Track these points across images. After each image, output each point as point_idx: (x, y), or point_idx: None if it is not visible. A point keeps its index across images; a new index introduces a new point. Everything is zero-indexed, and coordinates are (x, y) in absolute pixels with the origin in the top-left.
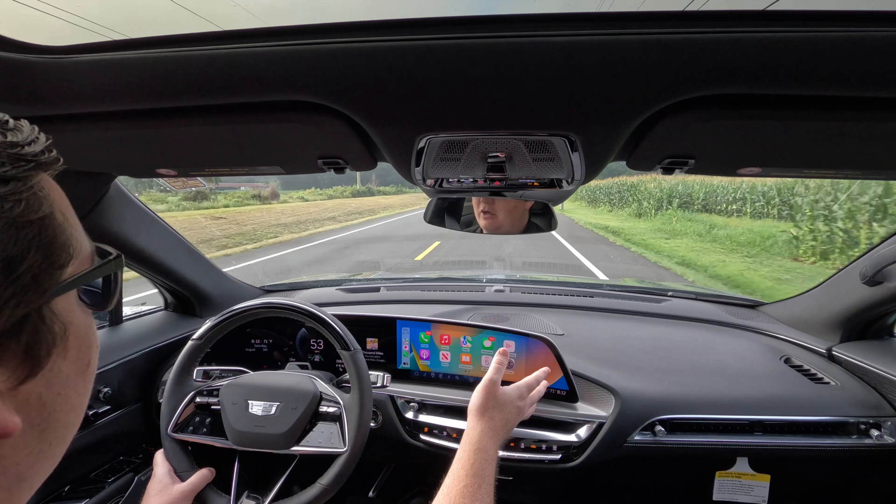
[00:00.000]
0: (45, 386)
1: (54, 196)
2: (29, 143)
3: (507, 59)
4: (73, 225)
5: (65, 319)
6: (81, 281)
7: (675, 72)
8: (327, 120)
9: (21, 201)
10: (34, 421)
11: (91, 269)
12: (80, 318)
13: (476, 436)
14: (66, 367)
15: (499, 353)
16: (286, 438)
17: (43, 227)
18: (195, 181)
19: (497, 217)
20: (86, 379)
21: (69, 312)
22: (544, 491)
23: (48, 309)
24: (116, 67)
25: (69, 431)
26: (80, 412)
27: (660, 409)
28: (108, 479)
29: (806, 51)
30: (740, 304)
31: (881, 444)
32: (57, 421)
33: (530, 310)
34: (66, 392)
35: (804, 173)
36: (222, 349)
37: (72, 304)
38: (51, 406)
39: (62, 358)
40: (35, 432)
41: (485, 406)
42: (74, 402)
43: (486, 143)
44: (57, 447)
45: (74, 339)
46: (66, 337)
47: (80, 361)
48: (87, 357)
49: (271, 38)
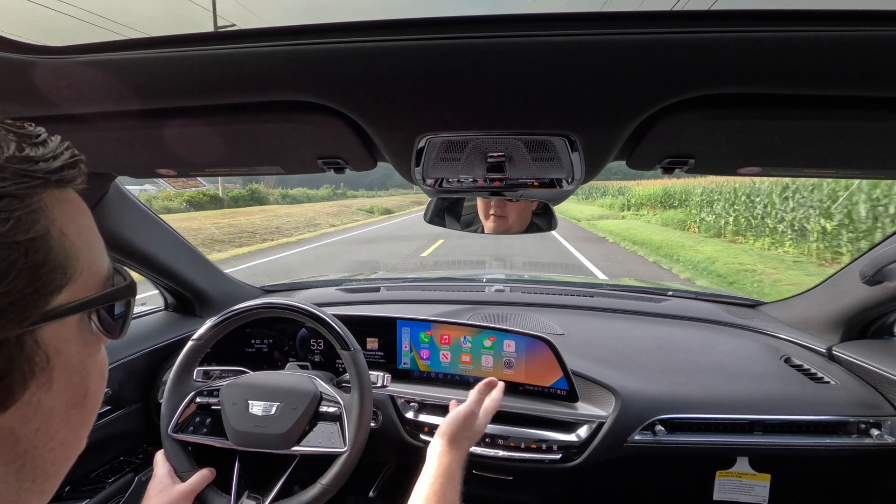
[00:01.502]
0: (20, 420)
1: (58, 215)
2: (47, 159)
3: (507, 59)
4: (80, 245)
5: (51, 349)
6: (78, 309)
7: (675, 71)
8: (327, 120)
9: (10, 220)
10: (7, 457)
11: (92, 297)
12: (75, 347)
13: (447, 463)
14: (51, 399)
15: (484, 384)
16: (286, 438)
17: (32, 249)
18: (195, 181)
19: (507, 220)
20: (82, 412)
21: (60, 341)
22: (544, 491)
23: (30, 337)
24: (116, 67)
25: (58, 468)
26: (72, 446)
27: (660, 409)
28: (109, 479)
29: (806, 51)
30: (740, 303)
31: (881, 444)
32: (39, 458)
33: (530, 310)
34: (50, 426)
35: (804, 173)
36: (222, 349)
37: (66, 332)
38: (28, 442)
39: (45, 390)
40: (9, 469)
41: (460, 436)
42: (63, 437)
43: (486, 142)
44: (44, 483)
45: (63, 369)
46: (51, 368)
47: (70, 393)
48: (82, 388)
49: (271, 38)
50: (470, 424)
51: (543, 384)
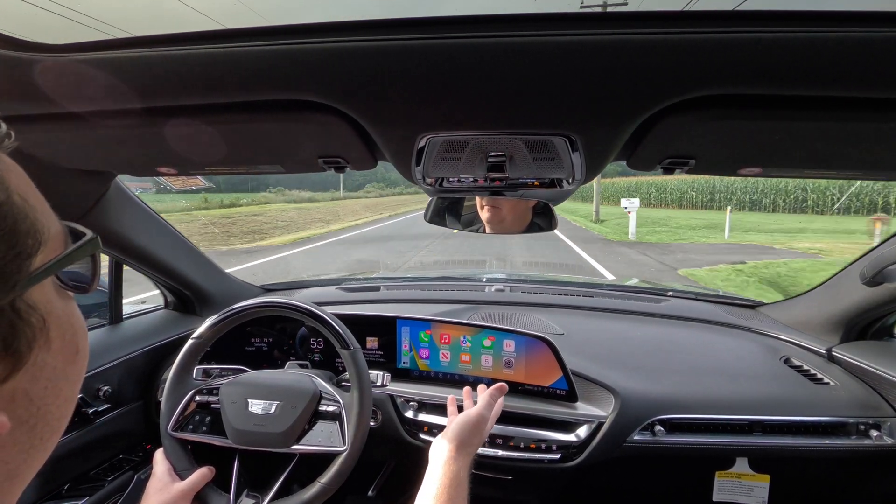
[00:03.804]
0: (31, 381)
1: (10, 178)
2: None
3: (507, 59)
4: (35, 207)
5: (43, 310)
6: (55, 268)
7: (675, 72)
8: (328, 119)
9: None
10: (23, 417)
11: (65, 253)
12: (59, 305)
13: (456, 471)
14: (52, 358)
15: (495, 389)
16: (286, 437)
17: (1, 216)
18: (195, 180)
19: (501, 210)
20: (76, 366)
21: (47, 302)
22: (544, 491)
23: (22, 301)
24: (117, 65)
25: (62, 423)
26: (72, 401)
27: (659, 409)
28: (108, 477)
29: (807, 52)
30: (740, 304)
31: (880, 445)
32: (48, 414)
33: (530, 309)
34: (55, 383)
35: (804, 173)
36: (222, 348)
37: (49, 293)
38: (39, 400)
39: (45, 350)
40: (25, 428)
41: (468, 441)
42: (66, 393)
43: (486, 142)
44: (49, 440)
45: (57, 328)
46: (47, 328)
47: (66, 350)
48: (73, 344)
49: (272, 37)
50: (480, 429)
51: (543, 384)
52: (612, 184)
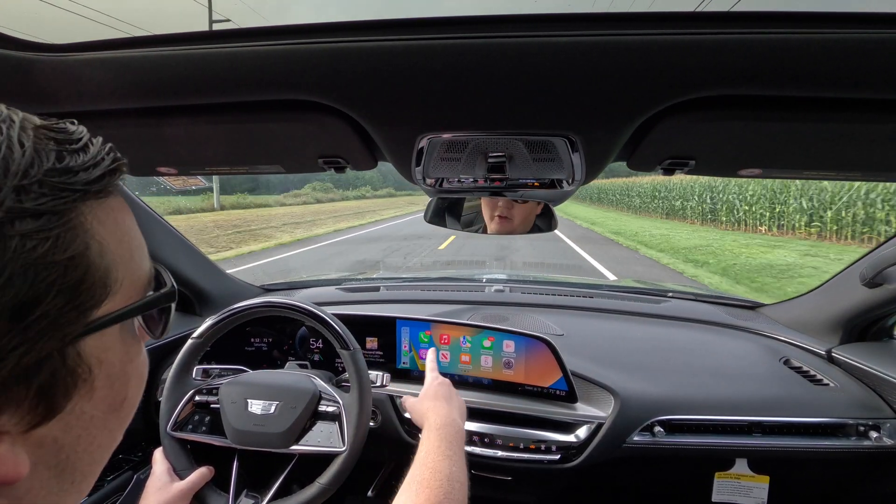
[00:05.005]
0: (63, 429)
1: (97, 227)
2: (87, 168)
3: (507, 59)
4: (121, 253)
5: (93, 360)
6: (118, 320)
7: (675, 73)
8: (328, 119)
9: (49, 239)
10: (49, 463)
11: (131, 306)
12: (117, 354)
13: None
14: (91, 407)
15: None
16: (285, 437)
17: (71, 267)
18: (195, 180)
19: (512, 221)
20: (120, 415)
21: (102, 351)
22: (543, 491)
23: (72, 349)
24: (118, 65)
25: (94, 468)
26: (108, 449)
27: (659, 410)
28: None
29: (806, 53)
30: (740, 305)
31: (880, 446)
32: (78, 461)
33: (530, 310)
34: (90, 432)
35: (804, 174)
36: (222, 348)
37: (108, 341)
38: (69, 448)
39: (86, 399)
40: (51, 473)
41: (450, 395)
42: (101, 441)
43: (486, 142)
44: (81, 483)
45: (105, 378)
46: (92, 378)
47: (110, 400)
48: (122, 394)
49: (272, 37)
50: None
51: (543, 385)
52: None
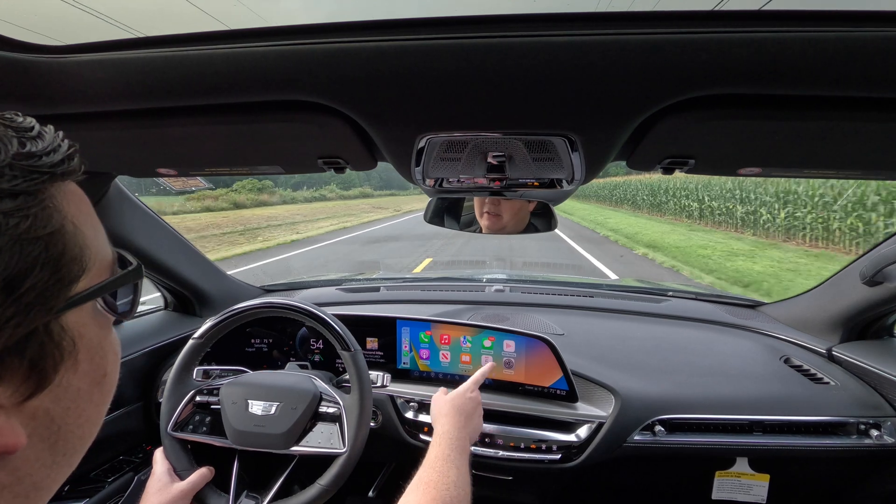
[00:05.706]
0: (53, 401)
1: (67, 207)
2: (48, 153)
3: (507, 59)
4: (88, 234)
5: (75, 334)
6: (94, 295)
7: (675, 72)
8: (328, 120)
9: (28, 217)
10: (43, 434)
11: (104, 282)
12: (93, 330)
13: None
14: (77, 380)
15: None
16: (286, 438)
17: (51, 243)
18: (195, 181)
19: (502, 218)
20: (102, 389)
21: (81, 325)
22: (544, 491)
23: (56, 324)
24: (117, 67)
25: (84, 442)
26: (95, 422)
27: (660, 409)
28: (108, 478)
29: (806, 51)
30: (740, 304)
31: (881, 445)
32: (69, 433)
33: (530, 310)
34: (78, 405)
35: (804, 173)
36: (222, 349)
37: (85, 316)
38: (60, 420)
39: (72, 372)
40: (45, 445)
41: (463, 409)
42: (89, 414)
43: (486, 142)
44: (71, 457)
45: (86, 352)
46: (76, 351)
47: (93, 373)
48: (102, 368)
49: (272, 37)
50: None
51: (543, 384)
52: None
